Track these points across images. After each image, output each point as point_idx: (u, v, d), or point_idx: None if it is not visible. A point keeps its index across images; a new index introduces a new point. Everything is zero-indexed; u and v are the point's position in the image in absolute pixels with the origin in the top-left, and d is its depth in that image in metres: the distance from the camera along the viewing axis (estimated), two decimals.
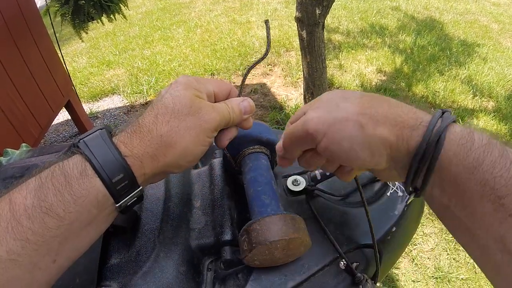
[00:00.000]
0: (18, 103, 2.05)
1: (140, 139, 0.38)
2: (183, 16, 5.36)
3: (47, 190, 0.33)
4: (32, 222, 0.32)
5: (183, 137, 0.39)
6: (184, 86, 0.42)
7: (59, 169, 0.35)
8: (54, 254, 0.34)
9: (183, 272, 0.47)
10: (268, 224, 0.42)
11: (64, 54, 3.38)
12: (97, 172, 0.35)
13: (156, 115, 0.39)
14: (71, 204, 0.33)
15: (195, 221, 0.53)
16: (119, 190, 0.36)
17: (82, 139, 0.38)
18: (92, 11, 2.31)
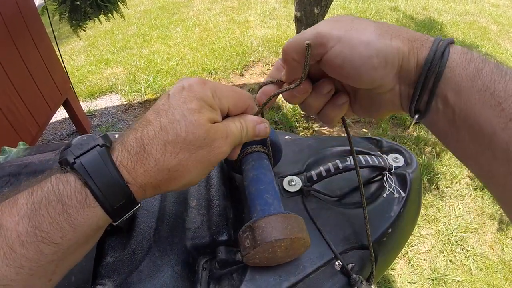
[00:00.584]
0: (16, 101, 2.05)
1: (145, 170, 0.36)
2: (181, 15, 5.35)
3: (41, 218, 0.31)
4: (26, 249, 0.31)
5: (190, 172, 0.38)
6: (199, 104, 0.38)
7: (55, 196, 0.32)
8: (50, 274, 0.33)
9: (178, 271, 0.47)
10: (274, 222, 0.42)
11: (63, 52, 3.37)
12: (99, 202, 0.34)
13: (165, 143, 0.36)
14: (70, 232, 0.32)
15: (190, 221, 0.53)
16: (119, 212, 0.36)
17: (78, 157, 0.35)
18: (89, 10, 2.31)
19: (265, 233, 0.41)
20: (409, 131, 2.80)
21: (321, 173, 0.57)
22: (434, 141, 2.69)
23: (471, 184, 2.35)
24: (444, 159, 2.52)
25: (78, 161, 0.34)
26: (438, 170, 2.43)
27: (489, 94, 0.33)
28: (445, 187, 2.32)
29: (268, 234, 0.41)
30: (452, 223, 2.09)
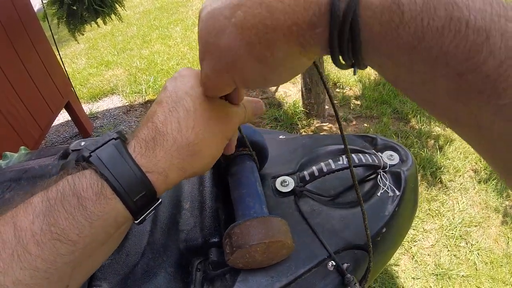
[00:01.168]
0: (17, 105, 2.06)
1: (166, 151, 0.34)
2: (180, 15, 5.36)
3: (57, 214, 0.30)
4: (41, 250, 0.29)
5: (209, 144, 0.37)
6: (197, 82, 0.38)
7: (70, 189, 0.31)
8: (67, 279, 0.31)
9: (171, 272, 0.47)
10: (248, 228, 0.43)
11: (63, 55, 3.38)
12: (116, 192, 0.32)
13: (178, 120, 0.35)
14: (86, 228, 0.30)
15: (184, 223, 0.54)
16: (140, 206, 0.34)
17: (93, 151, 0.34)
18: (86, 14, 2.33)
19: (240, 240, 0.42)
20: (411, 125, 2.80)
21: (313, 173, 0.57)
22: (437, 134, 2.68)
23: (475, 177, 2.34)
24: (447, 152, 2.51)
25: (94, 154, 0.33)
26: (441, 163, 2.42)
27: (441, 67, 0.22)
28: (449, 180, 2.31)
29: (242, 240, 0.42)
30: (456, 217, 2.09)
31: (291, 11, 0.26)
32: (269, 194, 0.59)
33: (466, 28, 0.21)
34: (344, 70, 3.35)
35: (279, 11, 0.26)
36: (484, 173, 2.34)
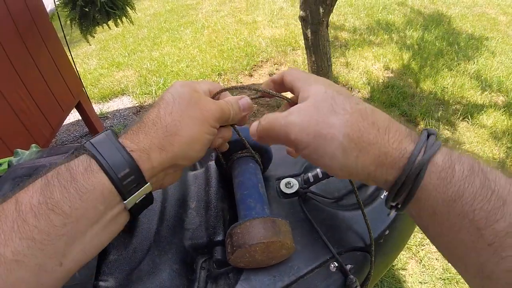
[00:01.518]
0: (29, 104, 2.09)
1: (146, 133, 0.39)
2: (190, 18, 5.39)
3: (53, 188, 0.33)
4: (38, 220, 0.31)
5: (187, 125, 0.40)
6: (180, 85, 0.44)
7: (65, 167, 0.35)
8: (61, 256, 0.33)
9: (176, 270, 0.48)
10: (248, 228, 0.44)
11: (75, 56, 3.43)
12: (102, 167, 0.35)
13: (158, 110, 0.41)
14: (77, 200, 0.33)
15: (189, 222, 0.55)
16: (126, 185, 0.36)
17: (89, 140, 0.38)
18: (98, 16, 2.35)
19: (240, 239, 0.43)
20: (420, 128, 2.78)
21: (317, 175, 0.58)
22: (446, 137, 2.67)
23: None
24: None
25: (88, 142, 0.37)
26: None
27: (468, 221, 0.31)
28: None
29: (242, 240, 0.43)
30: None
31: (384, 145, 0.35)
32: (274, 195, 0.60)
33: (491, 195, 0.30)
34: (352, 74, 3.36)
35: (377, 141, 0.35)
36: None
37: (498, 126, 2.75)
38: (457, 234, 0.32)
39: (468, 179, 0.31)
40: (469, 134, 2.72)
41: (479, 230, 0.30)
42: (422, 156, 0.33)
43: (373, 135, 0.36)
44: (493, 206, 0.30)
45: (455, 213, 0.31)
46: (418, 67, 3.52)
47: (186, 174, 0.64)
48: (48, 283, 0.33)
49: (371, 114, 0.37)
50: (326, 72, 2.33)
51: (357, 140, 0.36)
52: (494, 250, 0.30)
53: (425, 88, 3.24)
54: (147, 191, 0.39)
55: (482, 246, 0.30)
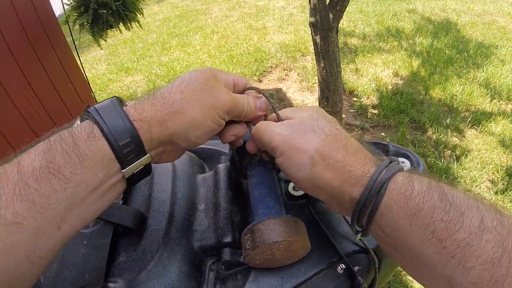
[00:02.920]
0: (38, 109, 2.12)
1: (151, 104, 0.40)
2: (199, 23, 5.43)
3: (55, 152, 0.33)
4: (39, 184, 0.32)
5: (193, 107, 0.41)
6: (203, 69, 0.45)
7: (68, 132, 0.35)
8: (59, 221, 0.34)
9: (185, 271, 0.49)
10: (273, 225, 0.44)
11: (84, 61, 3.46)
12: (104, 134, 0.36)
13: (172, 85, 0.42)
14: (78, 166, 0.34)
15: (198, 223, 0.55)
16: (126, 154, 0.37)
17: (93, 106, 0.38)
18: (111, 19, 2.38)
19: (264, 235, 0.43)
20: (428, 135, 2.77)
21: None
22: (454, 144, 2.65)
23: (492, 187, 2.30)
24: (464, 162, 2.48)
25: (93, 107, 0.38)
26: (458, 173, 2.40)
27: (429, 233, 0.33)
28: None
29: (266, 236, 0.43)
30: None
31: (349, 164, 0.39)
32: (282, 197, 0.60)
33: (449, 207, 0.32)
34: (361, 80, 3.36)
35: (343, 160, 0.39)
36: (501, 184, 2.30)
37: (506, 134, 2.73)
38: (421, 248, 0.33)
39: (427, 194, 0.34)
40: (478, 141, 2.70)
41: (441, 241, 0.32)
42: (384, 175, 0.37)
43: (341, 155, 0.40)
44: (452, 217, 0.32)
45: (417, 225, 0.33)
46: (428, 74, 3.51)
47: (195, 176, 0.64)
48: (46, 247, 0.34)
49: (345, 139, 0.42)
50: (336, 78, 2.33)
51: (326, 156, 0.40)
52: (458, 262, 0.31)
53: (434, 95, 3.23)
54: (146, 162, 0.40)
55: (446, 258, 0.32)
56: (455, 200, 0.33)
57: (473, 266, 0.30)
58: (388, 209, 0.36)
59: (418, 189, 0.35)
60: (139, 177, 0.41)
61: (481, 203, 0.33)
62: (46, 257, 0.34)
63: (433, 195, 0.34)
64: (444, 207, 0.33)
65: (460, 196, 0.34)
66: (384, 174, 0.37)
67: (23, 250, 0.32)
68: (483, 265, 0.30)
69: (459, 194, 0.34)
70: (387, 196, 0.36)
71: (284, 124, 0.45)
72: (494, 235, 0.31)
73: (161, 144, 0.41)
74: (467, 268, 0.31)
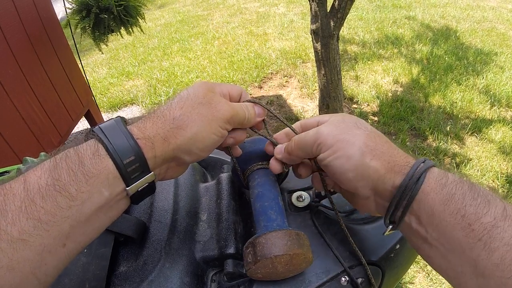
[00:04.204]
0: (38, 112, 2.11)
1: (153, 123, 0.40)
2: (201, 28, 5.45)
3: (61, 170, 0.34)
4: (45, 201, 0.32)
5: (194, 121, 0.41)
6: (198, 84, 0.46)
7: (74, 151, 0.36)
8: (65, 238, 0.34)
9: (187, 282, 0.48)
10: (274, 239, 0.43)
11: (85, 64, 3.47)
12: (108, 152, 0.36)
13: (171, 103, 0.43)
14: (83, 184, 0.34)
15: (200, 234, 0.55)
16: (130, 172, 0.37)
17: (98, 125, 0.39)
18: (112, 24, 2.38)
19: (265, 249, 0.43)
20: (428, 142, 2.77)
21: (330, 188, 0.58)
22: (454, 152, 2.65)
23: None
24: (464, 170, 2.47)
25: (97, 127, 0.39)
26: None
27: (460, 217, 0.36)
28: None
29: (267, 250, 0.43)
30: None
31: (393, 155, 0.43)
32: (285, 208, 0.59)
33: (477, 196, 0.36)
34: (361, 87, 3.37)
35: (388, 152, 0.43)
36: (501, 191, 2.30)
37: (506, 141, 2.73)
38: (452, 232, 0.36)
39: (459, 183, 0.38)
40: (478, 148, 2.70)
41: (470, 225, 0.35)
42: (422, 166, 0.40)
43: (386, 148, 0.43)
44: (480, 203, 0.36)
45: (450, 211, 0.37)
46: (427, 81, 3.51)
47: (197, 186, 0.64)
48: (51, 263, 0.34)
49: (385, 137, 0.45)
50: (336, 85, 2.33)
51: (373, 147, 0.43)
52: (484, 244, 0.34)
53: (434, 102, 3.23)
54: (150, 180, 0.40)
55: (474, 240, 0.35)
56: (482, 191, 0.37)
57: (497, 247, 0.33)
58: (425, 195, 0.39)
59: (451, 179, 0.39)
60: (143, 195, 0.41)
61: (503, 198, 0.38)
62: (52, 274, 0.35)
63: (464, 185, 0.38)
64: (473, 195, 0.36)
65: (486, 189, 0.38)
66: (422, 166, 0.40)
67: (29, 266, 0.32)
68: (506, 245, 0.33)
69: (485, 188, 0.38)
70: (425, 183, 0.39)
71: (327, 124, 0.47)
72: None
73: (165, 161, 0.42)
74: (491, 249, 0.34)
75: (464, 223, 0.35)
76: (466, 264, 0.36)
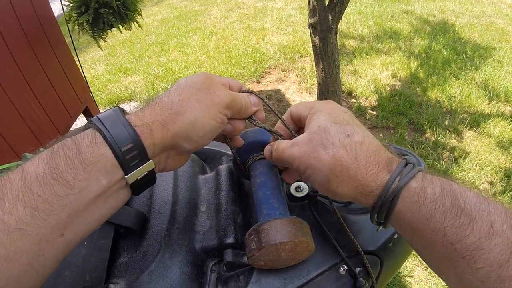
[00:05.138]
0: (36, 109, 2.11)
1: (151, 109, 0.40)
2: (198, 24, 5.43)
3: (58, 158, 0.34)
4: (42, 190, 0.32)
5: (193, 107, 0.41)
6: (198, 74, 0.46)
7: (71, 139, 0.36)
8: (63, 227, 0.33)
9: (187, 272, 0.49)
10: (279, 226, 0.44)
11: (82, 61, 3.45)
12: (106, 140, 0.36)
13: (169, 91, 0.43)
14: (81, 172, 0.34)
15: (200, 225, 0.55)
16: (128, 160, 0.37)
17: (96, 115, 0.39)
18: (112, 19, 2.37)
19: (270, 236, 0.43)
20: (427, 136, 2.77)
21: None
22: (452, 146, 2.66)
23: (490, 189, 2.30)
24: (462, 164, 2.48)
25: (95, 117, 0.38)
26: (456, 175, 2.40)
27: (441, 236, 0.35)
28: None
29: (273, 236, 0.43)
30: None
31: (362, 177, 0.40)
32: None
33: (461, 213, 0.34)
34: (360, 82, 3.37)
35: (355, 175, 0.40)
36: (499, 185, 2.30)
37: (505, 136, 2.73)
38: (435, 248, 0.36)
39: (439, 200, 0.36)
40: (476, 143, 2.70)
41: (452, 244, 0.34)
42: (396, 184, 0.38)
43: (352, 170, 0.40)
44: (462, 223, 0.34)
45: (430, 229, 0.36)
46: (426, 75, 3.51)
47: (196, 177, 0.64)
48: (49, 254, 0.33)
49: (356, 149, 0.41)
50: (334, 79, 2.33)
51: (339, 173, 0.41)
52: (467, 262, 0.34)
53: (432, 96, 3.23)
54: (149, 169, 0.40)
55: (457, 258, 0.34)
56: (467, 205, 0.35)
57: (481, 267, 0.33)
58: (402, 215, 0.38)
59: (430, 196, 0.36)
60: (143, 185, 0.41)
61: (494, 206, 0.35)
62: (50, 265, 0.34)
63: (445, 202, 0.36)
64: (456, 213, 0.35)
65: (472, 200, 0.35)
66: (397, 184, 0.38)
67: (27, 257, 0.31)
68: (490, 266, 0.32)
69: (471, 199, 0.36)
70: (400, 204, 0.38)
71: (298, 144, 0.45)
72: (503, 238, 0.33)
73: (165, 149, 0.41)
74: (475, 268, 0.33)
75: (446, 242, 0.35)
76: (452, 275, 0.36)
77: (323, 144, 0.43)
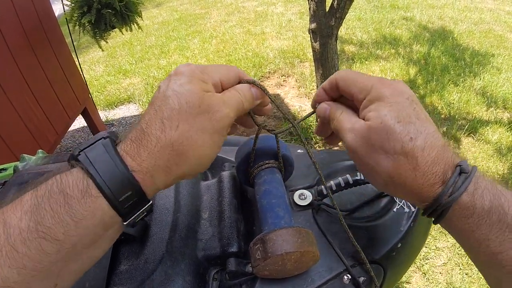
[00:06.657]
0: (35, 109, 2.11)
1: (149, 152, 0.34)
2: (198, 27, 5.43)
3: (44, 212, 0.30)
4: (28, 248, 0.29)
5: (196, 142, 0.36)
6: (187, 78, 0.38)
7: (57, 187, 0.31)
8: (55, 278, 0.31)
9: (189, 281, 0.48)
10: (285, 235, 0.43)
11: (82, 62, 3.44)
12: (101, 191, 0.32)
13: (162, 119, 0.35)
14: (72, 228, 0.30)
15: (202, 232, 0.55)
16: (127, 208, 0.34)
17: (83, 150, 0.34)
18: (114, 19, 2.37)
19: (276, 246, 0.42)
20: None
21: (331, 187, 0.58)
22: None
23: None
24: None
25: (83, 153, 0.33)
26: None
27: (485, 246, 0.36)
28: None
29: (279, 246, 0.42)
30: None
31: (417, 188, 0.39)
32: None
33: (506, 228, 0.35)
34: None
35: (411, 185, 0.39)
36: None
37: (503, 142, 2.74)
38: (478, 254, 0.38)
39: (487, 215, 0.36)
40: (474, 149, 2.71)
41: (494, 254, 0.36)
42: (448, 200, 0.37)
43: (409, 181, 0.39)
44: (507, 236, 0.35)
45: (474, 239, 0.37)
46: (424, 82, 3.52)
47: (198, 184, 0.64)
48: None
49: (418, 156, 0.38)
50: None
51: (397, 180, 0.39)
52: (508, 272, 0.35)
53: (431, 103, 3.24)
54: (148, 208, 0.37)
55: (498, 267, 0.36)
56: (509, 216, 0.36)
57: None
58: (450, 221, 0.39)
59: (479, 210, 0.36)
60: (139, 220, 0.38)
61: None
62: None
63: (492, 216, 0.36)
64: (501, 227, 0.35)
65: None
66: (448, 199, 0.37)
67: None
68: None
69: None
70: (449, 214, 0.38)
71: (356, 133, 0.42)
72: None
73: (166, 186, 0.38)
74: None
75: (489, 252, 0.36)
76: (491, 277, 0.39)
77: (383, 147, 0.39)
